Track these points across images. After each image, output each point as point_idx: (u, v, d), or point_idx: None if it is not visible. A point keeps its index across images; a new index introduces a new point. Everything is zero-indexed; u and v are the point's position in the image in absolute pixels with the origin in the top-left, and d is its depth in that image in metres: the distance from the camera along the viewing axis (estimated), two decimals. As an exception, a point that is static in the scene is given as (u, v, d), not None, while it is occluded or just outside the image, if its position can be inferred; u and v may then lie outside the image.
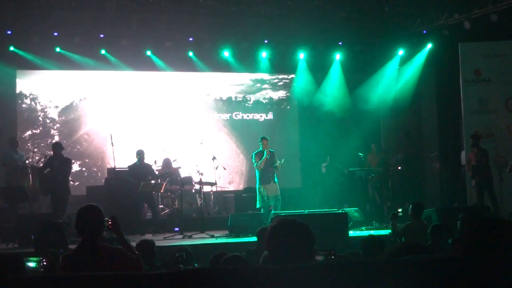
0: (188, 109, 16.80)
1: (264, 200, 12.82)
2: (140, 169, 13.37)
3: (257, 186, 12.99)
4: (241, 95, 17.38)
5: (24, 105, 15.63)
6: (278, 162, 12.93)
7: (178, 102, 16.75)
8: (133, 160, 13.67)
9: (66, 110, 15.87)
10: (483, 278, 2.87)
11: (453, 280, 2.87)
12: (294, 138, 17.46)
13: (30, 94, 15.63)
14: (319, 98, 17.21)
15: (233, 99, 17.32)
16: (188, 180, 14.69)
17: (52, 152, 12.85)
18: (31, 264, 6.26)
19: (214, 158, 14.43)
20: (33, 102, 15.67)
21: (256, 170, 13.02)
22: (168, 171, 14.17)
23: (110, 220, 5.07)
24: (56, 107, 15.81)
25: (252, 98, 17.46)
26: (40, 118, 15.72)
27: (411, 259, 3.11)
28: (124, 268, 4.70)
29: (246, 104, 17.43)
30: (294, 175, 16.33)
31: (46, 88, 15.71)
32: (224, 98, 17.20)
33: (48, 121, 15.77)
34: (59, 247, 8.54)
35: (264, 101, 17.54)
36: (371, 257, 5.47)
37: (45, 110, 15.75)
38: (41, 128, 15.73)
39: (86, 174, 15.69)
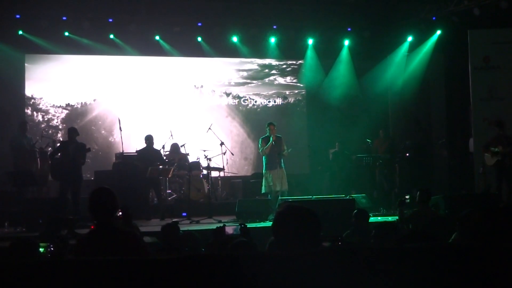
0: (196, 94, 16.82)
1: (269, 186, 12.74)
2: (148, 154, 13.37)
3: (263, 172, 12.99)
4: (249, 81, 17.34)
5: (32, 90, 15.66)
6: (285, 150, 12.89)
7: (186, 87, 16.76)
8: (142, 145, 13.71)
9: (74, 95, 15.90)
10: (491, 266, 2.86)
11: (461, 267, 2.85)
12: (302, 124, 17.45)
13: (38, 78, 15.65)
14: (327, 84, 17.17)
15: (241, 84, 17.30)
16: (196, 165, 14.67)
17: (67, 137, 12.70)
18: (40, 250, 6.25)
19: (222, 144, 14.38)
20: (41, 86, 15.70)
21: (263, 156, 13.02)
22: (178, 157, 14.22)
23: (121, 210, 5.06)
24: (64, 91, 15.82)
25: (260, 83, 17.43)
26: (48, 103, 15.75)
27: (419, 246, 3.11)
28: (137, 253, 4.66)
29: (254, 90, 17.41)
30: (302, 161, 16.26)
31: (54, 73, 15.73)
32: (232, 83, 17.19)
33: (56, 105, 15.80)
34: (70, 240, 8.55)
35: (272, 87, 17.52)
36: (382, 243, 5.45)
37: (53, 94, 15.77)
38: (49, 113, 15.76)
39: (94, 158, 15.63)
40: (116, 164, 14.09)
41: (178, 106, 16.57)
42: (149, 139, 13.50)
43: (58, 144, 13.13)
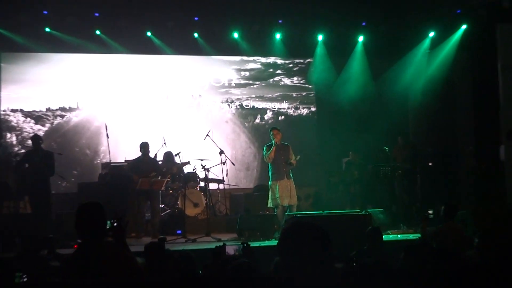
0: (192, 97, 16.84)
1: (276, 199, 12.61)
2: (144, 164, 13.34)
3: (269, 183, 12.77)
4: (252, 82, 17.36)
5: (8, 91, 15.65)
6: (294, 158, 12.77)
7: (181, 89, 16.80)
8: (131, 153, 13.67)
9: (56, 98, 15.92)
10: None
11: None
12: (311, 130, 17.46)
13: (15, 79, 15.66)
14: (339, 85, 17.24)
15: (243, 86, 17.31)
16: (192, 177, 14.65)
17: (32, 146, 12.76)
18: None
19: (221, 152, 14.29)
20: (18, 88, 15.68)
21: (268, 165, 12.89)
22: (172, 167, 14.22)
23: (116, 220, 5.02)
24: (44, 94, 15.83)
25: (264, 84, 17.45)
26: (26, 106, 15.72)
27: (444, 268, 3.06)
28: (130, 276, 4.63)
29: (258, 92, 17.40)
30: (312, 171, 16.23)
31: (33, 73, 15.75)
32: (233, 84, 17.22)
33: (35, 109, 15.78)
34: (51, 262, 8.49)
35: (277, 88, 17.53)
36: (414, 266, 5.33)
37: (32, 97, 15.77)
38: (27, 118, 15.75)
39: (77, 169, 15.71)
40: (102, 175, 14.06)
41: (172, 110, 16.60)
42: (144, 147, 13.44)
43: (22, 155, 13.19)
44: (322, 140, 17.12)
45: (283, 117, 17.39)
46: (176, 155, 14.35)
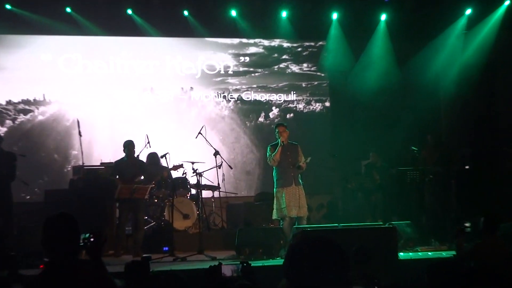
0: (182, 90, 16.90)
1: (282, 210, 12.48)
2: (129, 166, 13.33)
3: (274, 190, 12.70)
4: (253, 69, 17.39)
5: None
6: (303, 160, 12.69)
7: (168, 80, 16.84)
8: (108, 155, 13.70)
9: (18, 89, 15.89)
10: None
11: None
12: (324, 127, 17.53)
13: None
14: (357, 73, 17.35)
15: (243, 74, 17.35)
16: (182, 183, 14.72)
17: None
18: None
19: (216, 153, 14.23)
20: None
21: (273, 169, 12.79)
22: (165, 170, 14.18)
23: (91, 235, 5.00)
24: (4, 84, 15.80)
25: (268, 72, 17.50)
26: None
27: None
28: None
29: (260, 81, 17.45)
30: (325, 176, 16.29)
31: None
32: (230, 72, 17.27)
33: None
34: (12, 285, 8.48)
35: (283, 77, 17.56)
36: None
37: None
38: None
39: (44, 173, 15.73)
40: (74, 181, 14.00)
41: (157, 103, 16.67)
42: (128, 146, 13.36)
43: None
44: (337, 139, 17.18)
45: (292, 114, 17.44)
46: (162, 157, 14.27)
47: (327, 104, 17.69)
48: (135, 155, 13.62)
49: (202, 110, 16.92)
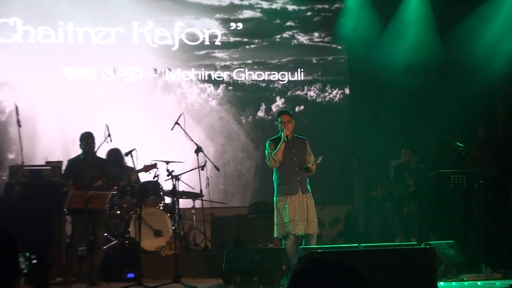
0: (155, 73, 16.99)
1: (285, 225, 12.36)
2: (86, 166, 13.38)
3: (275, 199, 12.59)
4: (247, 40, 17.54)
5: None
6: (312, 160, 12.58)
7: (136, 51, 16.89)
8: (56, 153, 14.02)
9: None
10: None
11: None
12: (341, 116, 17.63)
13: None
14: (385, 45, 17.37)
15: (233, 46, 17.47)
16: (153, 189, 14.76)
17: None
18: None
19: (199, 151, 14.52)
20: None
21: (273, 172, 12.72)
22: (132, 172, 14.12)
23: (34, 257, 5.02)
24: None
25: (267, 44, 17.64)
26: None
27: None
28: None
29: (256, 56, 17.55)
30: (342, 181, 16.46)
31: None
32: (218, 43, 17.39)
33: None
34: None
35: (287, 51, 17.69)
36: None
37: None
38: None
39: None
40: (10, 185, 14.01)
41: (121, 84, 16.75)
42: (86, 140, 13.37)
43: None
44: (358, 132, 17.38)
45: (302, 107, 17.52)
46: (127, 155, 14.30)
47: (345, 86, 17.74)
48: (94, 152, 13.72)
49: (181, 99, 16.99)
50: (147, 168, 14.04)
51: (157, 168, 14.44)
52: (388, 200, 15.65)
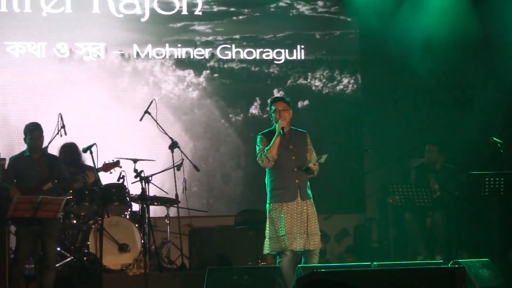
0: (115, 40, 17.03)
1: (280, 239, 12.33)
2: (32, 166, 13.30)
3: (267, 207, 12.56)
4: (236, 9, 17.70)
5: None
6: (315, 159, 12.49)
7: (95, 23, 16.95)
8: (9, 148, 14.12)
9: None
10: None
11: None
12: (350, 104, 17.92)
13: None
14: (405, 18, 17.48)
15: (218, 17, 17.59)
16: (118, 194, 14.84)
17: None
18: None
19: (174, 146, 14.65)
20: None
21: (266, 172, 12.70)
22: (90, 171, 14.07)
23: None
24: None
25: (260, 15, 17.84)
26: None
27: None
28: None
29: (246, 29, 17.69)
30: (351, 185, 16.57)
31: None
32: (198, 12, 17.47)
33: None
34: None
35: (284, 22, 17.81)
36: None
37: None
38: None
39: None
40: None
41: (75, 65, 16.85)
42: (32, 133, 13.24)
43: None
44: (371, 125, 17.54)
45: (306, 101, 17.59)
46: (85, 151, 13.93)
47: (356, 68, 17.85)
48: (43, 148, 13.65)
49: (154, 89, 16.96)
50: (107, 167, 13.97)
51: (121, 167, 14.33)
52: (408, 209, 15.69)
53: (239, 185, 17.29)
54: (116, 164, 14.10)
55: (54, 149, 14.40)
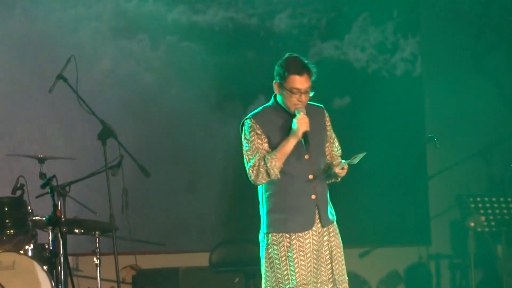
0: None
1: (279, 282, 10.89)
2: None
3: (263, 239, 11.23)
4: None
5: None
6: (344, 162, 11.12)
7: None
8: None
9: None
10: None
11: None
12: (407, 80, 18.59)
13: None
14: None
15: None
16: (14, 214, 14.48)
17: None
18: None
19: (107, 136, 14.26)
20: None
21: (258, 184, 11.06)
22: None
23: None
24: None
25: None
26: None
27: None
28: None
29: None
30: (405, 197, 16.66)
31: None
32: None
33: None
34: None
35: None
36: None
37: None
38: None
39: None
40: None
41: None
42: None
43: None
44: (435, 112, 18.02)
45: (347, 98, 18.65)
46: None
47: (412, 34, 19.19)
48: None
49: (90, 43, 17.25)
50: None
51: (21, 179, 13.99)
52: (502, 238, 15.31)
53: (213, 201, 17.31)
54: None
55: None
